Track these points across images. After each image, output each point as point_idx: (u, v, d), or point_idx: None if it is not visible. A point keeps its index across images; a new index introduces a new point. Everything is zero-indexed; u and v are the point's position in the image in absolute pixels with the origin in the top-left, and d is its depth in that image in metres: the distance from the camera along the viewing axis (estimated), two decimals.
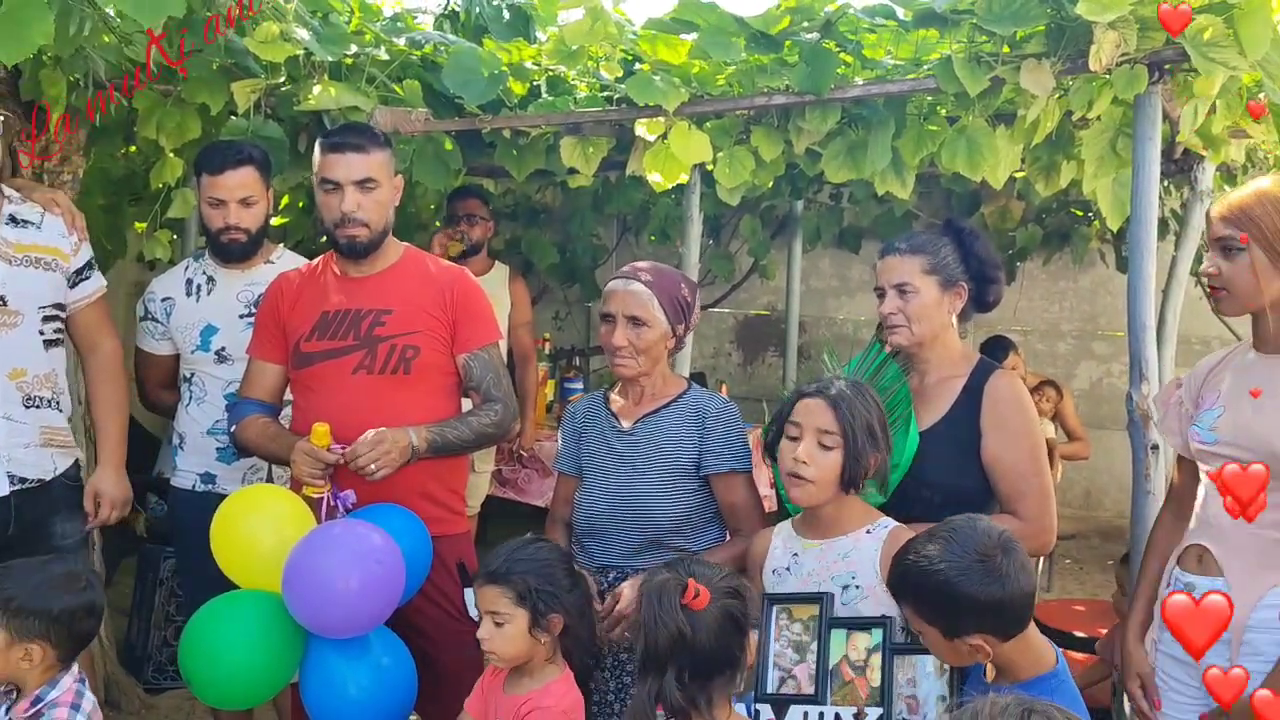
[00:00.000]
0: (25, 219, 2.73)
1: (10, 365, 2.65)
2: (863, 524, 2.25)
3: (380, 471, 2.42)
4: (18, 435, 2.66)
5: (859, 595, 2.18)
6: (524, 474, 4.89)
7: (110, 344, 2.93)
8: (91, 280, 2.87)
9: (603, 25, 3.14)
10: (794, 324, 6.28)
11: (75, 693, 2.20)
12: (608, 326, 2.52)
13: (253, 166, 3.01)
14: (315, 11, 3.34)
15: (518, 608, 2.16)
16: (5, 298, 2.64)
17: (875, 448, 2.20)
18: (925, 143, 3.26)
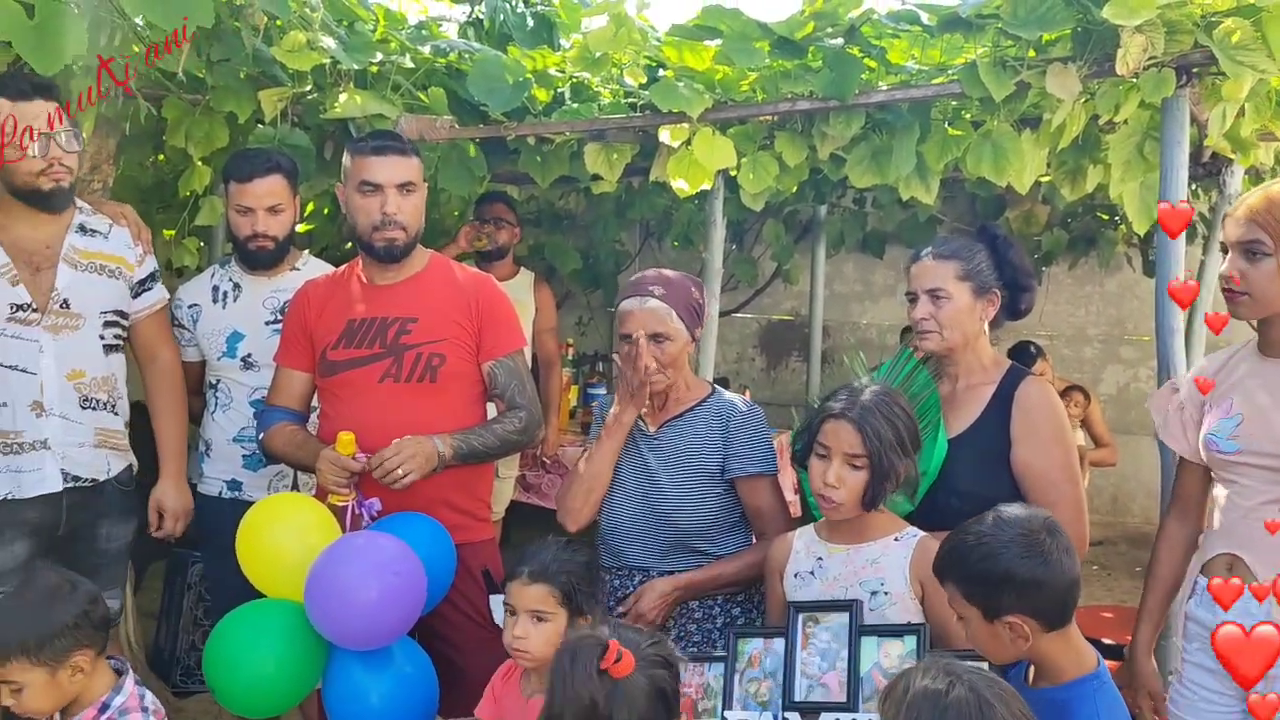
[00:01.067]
0: (94, 228, 2.80)
1: (70, 366, 2.70)
2: (890, 532, 2.24)
3: (406, 478, 2.43)
4: (73, 434, 2.71)
5: (887, 602, 2.17)
6: (547, 479, 4.90)
7: (169, 354, 2.99)
8: (154, 292, 2.94)
9: (627, 32, 3.15)
10: (817, 329, 6.27)
11: (139, 695, 2.22)
12: (629, 347, 2.51)
13: (280, 174, 3.04)
14: (341, 20, 3.37)
15: (561, 607, 2.19)
16: (68, 301, 2.70)
17: (904, 458, 2.20)
18: (950, 147, 3.25)
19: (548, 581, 2.19)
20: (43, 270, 2.69)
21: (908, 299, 2.53)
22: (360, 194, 2.62)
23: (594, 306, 7.04)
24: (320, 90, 3.40)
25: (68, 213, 2.74)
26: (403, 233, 2.62)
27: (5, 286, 2.64)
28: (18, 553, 2.68)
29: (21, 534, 2.68)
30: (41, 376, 2.67)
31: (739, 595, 2.55)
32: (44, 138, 2.57)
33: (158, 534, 2.91)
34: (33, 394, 2.66)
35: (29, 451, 2.67)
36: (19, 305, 2.64)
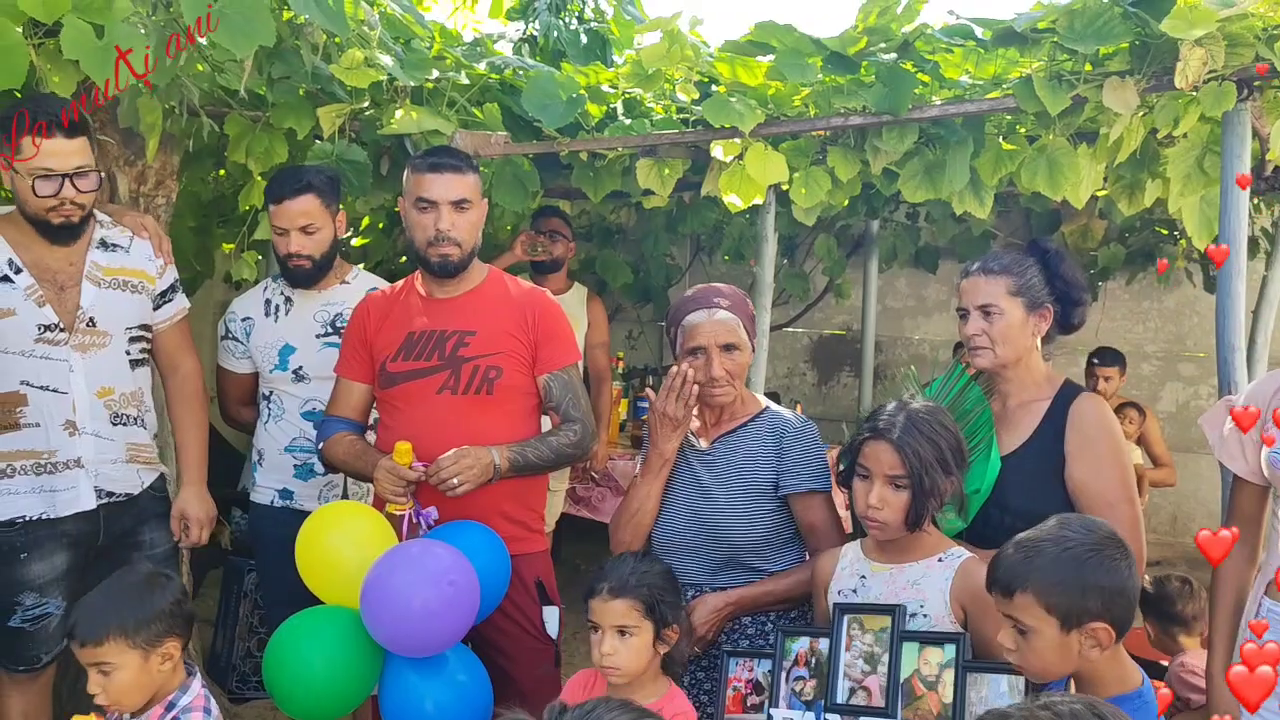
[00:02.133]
0: (115, 243, 2.82)
1: (99, 384, 2.73)
2: (934, 552, 2.22)
3: (461, 487, 2.45)
4: (106, 451, 2.74)
5: (926, 624, 2.15)
6: (597, 492, 4.91)
7: (190, 364, 3.00)
8: (175, 302, 2.95)
9: (680, 48, 3.17)
10: (869, 344, 6.23)
11: (205, 696, 2.26)
12: (698, 360, 2.49)
13: (313, 194, 3.04)
14: (398, 38, 3.42)
15: (646, 619, 2.19)
16: (94, 319, 2.72)
17: (948, 475, 2.18)
18: (1004, 162, 3.23)
19: (629, 595, 2.20)
20: (67, 289, 2.70)
21: (959, 315, 2.51)
22: (417, 210, 2.65)
23: (644, 320, 7.06)
24: (377, 106, 3.45)
25: (87, 229, 2.74)
26: (457, 249, 2.65)
27: (33, 307, 2.65)
28: (58, 564, 2.72)
29: (61, 546, 2.72)
30: (73, 395, 2.68)
31: (791, 611, 2.53)
32: (60, 179, 2.57)
33: (184, 544, 2.92)
34: (65, 413, 2.68)
35: (63, 471, 2.69)
36: (47, 325, 2.66)
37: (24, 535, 2.67)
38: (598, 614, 2.22)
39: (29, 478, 2.67)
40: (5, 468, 2.66)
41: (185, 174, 3.65)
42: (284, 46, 3.05)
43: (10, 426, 2.65)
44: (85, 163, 2.61)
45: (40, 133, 2.52)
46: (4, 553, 2.67)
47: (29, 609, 2.69)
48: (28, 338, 2.64)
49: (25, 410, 2.65)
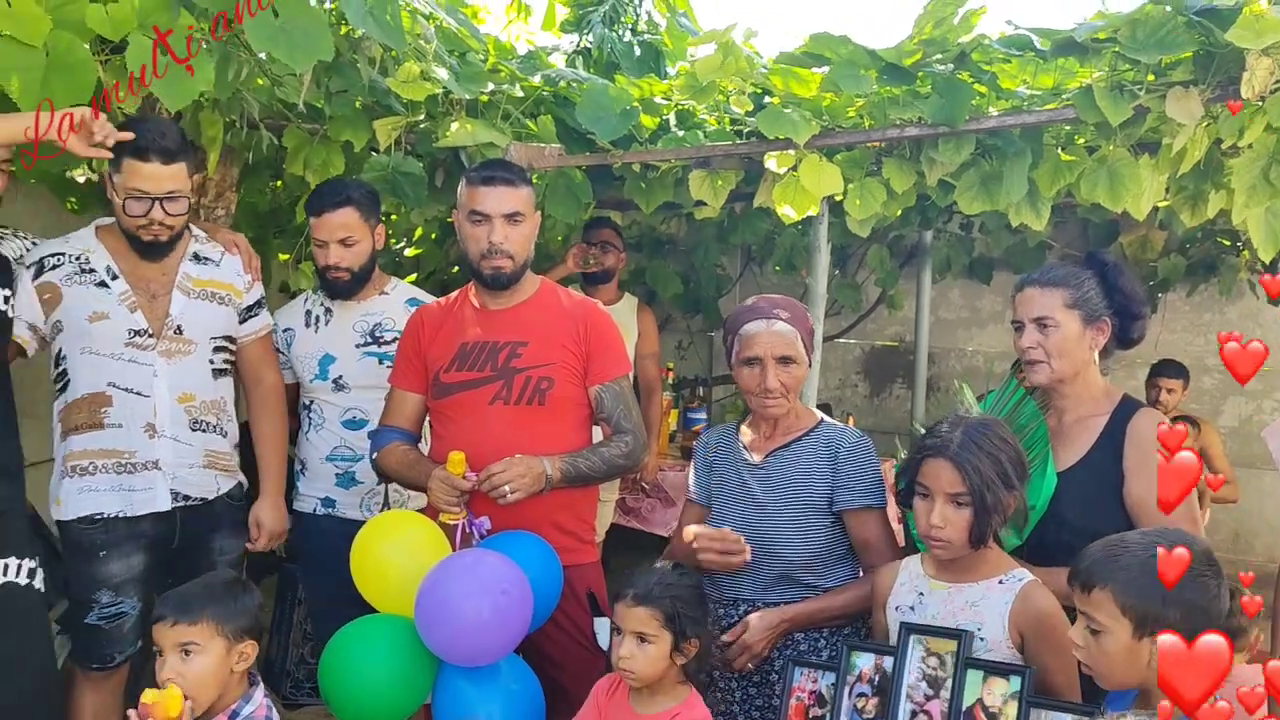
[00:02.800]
0: (207, 256, 2.93)
1: (181, 389, 2.82)
2: (995, 573, 2.18)
3: (513, 495, 2.46)
4: (184, 455, 2.83)
5: (983, 648, 2.11)
6: (647, 503, 4.91)
7: (272, 378, 3.10)
8: (260, 317, 3.05)
9: (734, 60, 3.16)
10: (923, 356, 6.16)
11: (267, 706, 2.28)
12: (753, 370, 2.49)
13: (352, 207, 3.09)
14: (453, 51, 3.45)
15: (665, 629, 2.21)
16: (181, 327, 2.83)
17: (1011, 490, 2.14)
18: (1063, 173, 3.19)
19: (651, 604, 2.21)
20: (159, 297, 2.81)
21: (1013, 328, 2.47)
22: (470, 223, 2.68)
23: (694, 331, 7.04)
24: (432, 119, 3.49)
25: (182, 241, 2.85)
26: (509, 261, 2.67)
27: (125, 313, 2.77)
28: (134, 565, 2.81)
29: (139, 547, 2.81)
30: (154, 399, 2.78)
31: (845, 629, 2.51)
32: (150, 201, 2.67)
33: (251, 547, 3.00)
34: (146, 416, 2.78)
35: (141, 471, 2.78)
36: (136, 331, 2.77)
37: (103, 534, 2.77)
38: (620, 618, 2.24)
39: (109, 476, 2.77)
40: (88, 465, 2.77)
41: (243, 186, 3.71)
42: (342, 60, 3.09)
43: (95, 425, 2.76)
44: (178, 188, 2.70)
45: (139, 155, 2.62)
46: (84, 550, 2.77)
47: (105, 607, 2.78)
48: (118, 341, 2.75)
49: (110, 411, 2.76)
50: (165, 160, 2.65)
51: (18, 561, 2.66)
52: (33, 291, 2.74)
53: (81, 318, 2.75)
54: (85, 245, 2.81)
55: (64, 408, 2.81)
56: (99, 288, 2.76)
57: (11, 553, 2.65)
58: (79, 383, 2.77)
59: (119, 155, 2.63)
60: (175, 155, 2.67)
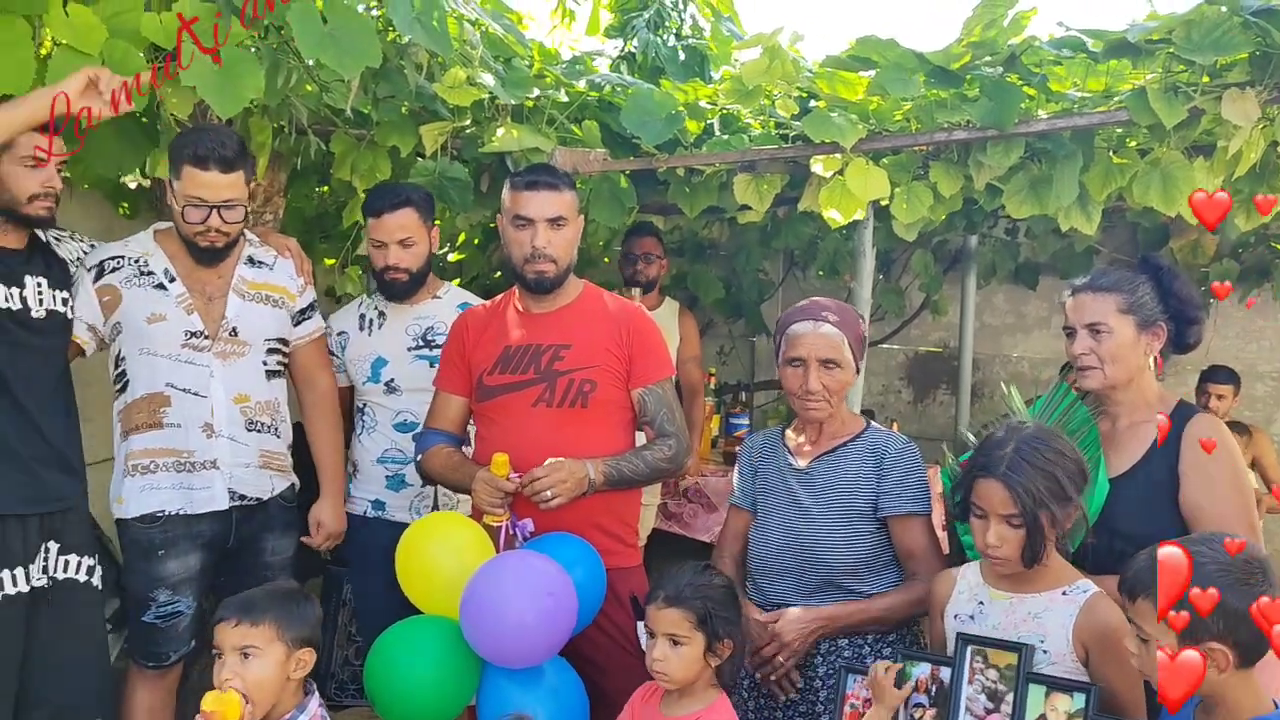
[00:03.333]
0: (261, 260, 2.98)
1: (236, 390, 2.87)
2: (1058, 584, 2.13)
3: (556, 500, 2.47)
4: (240, 455, 2.88)
5: (1045, 661, 2.07)
6: (689, 508, 4.89)
7: (326, 380, 3.14)
8: (312, 320, 3.09)
9: (780, 64, 3.15)
10: (967, 361, 6.09)
11: (321, 715, 2.30)
12: (796, 370, 2.49)
13: (411, 208, 3.13)
14: (499, 56, 3.47)
15: (697, 631, 2.20)
16: (236, 329, 2.87)
17: (1067, 505, 2.09)
18: (1114, 177, 3.15)
19: (682, 605, 2.21)
20: (214, 299, 2.86)
21: (1065, 334, 2.43)
22: (514, 227, 2.68)
23: (736, 336, 7.01)
24: (478, 124, 3.51)
25: (238, 245, 2.90)
26: (552, 265, 2.67)
27: (182, 315, 2.82)
28: (191, 564, 2.86)
29: (196, 546, 2.86)
30: (211, 400, 2.83)
31: (890, 635, 2.49)
32: (208, 209, 2.71)
33: (307, 541, 3.04)
34: (203, 416, 2.83)
35: (200, 470, 2.84)
36: (193, 333, 2.82)
37: (162, 533, 2.82)
38: (653, 620, 2.24)
39: (170, 474, 2.82)
40: (150, 463, 2.82)
41: (290, 191, 3.75)
42: (389, 66, 3.12)
43: (155, 425, 2.82)
44: (235, 196, 2.75)
45: (199, 164, 2.67)
46: (143, 549, 2.82)
47: (162, 605, 2.83)
48: (175, 343, 2.80)
49: (168, 411, 2.81)
50: (224, 169, 2.69)
51: (78, 559, 2.73)
52: (93, 293, 2.80)
53: (140, 319, 2.80)
54: (144, 248, 2.86)
55: (124, 408, 2.86)
56: (157, 290, 2.82)
57: (73, 550, 2.72)
58: (138, 383, 2.83)
59: (178, 163, 2.69)
60: (234, 164, 2.71)
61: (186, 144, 2.70)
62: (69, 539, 2.71)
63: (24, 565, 2.62)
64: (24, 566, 2.62)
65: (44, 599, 2.66)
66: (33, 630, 2.65)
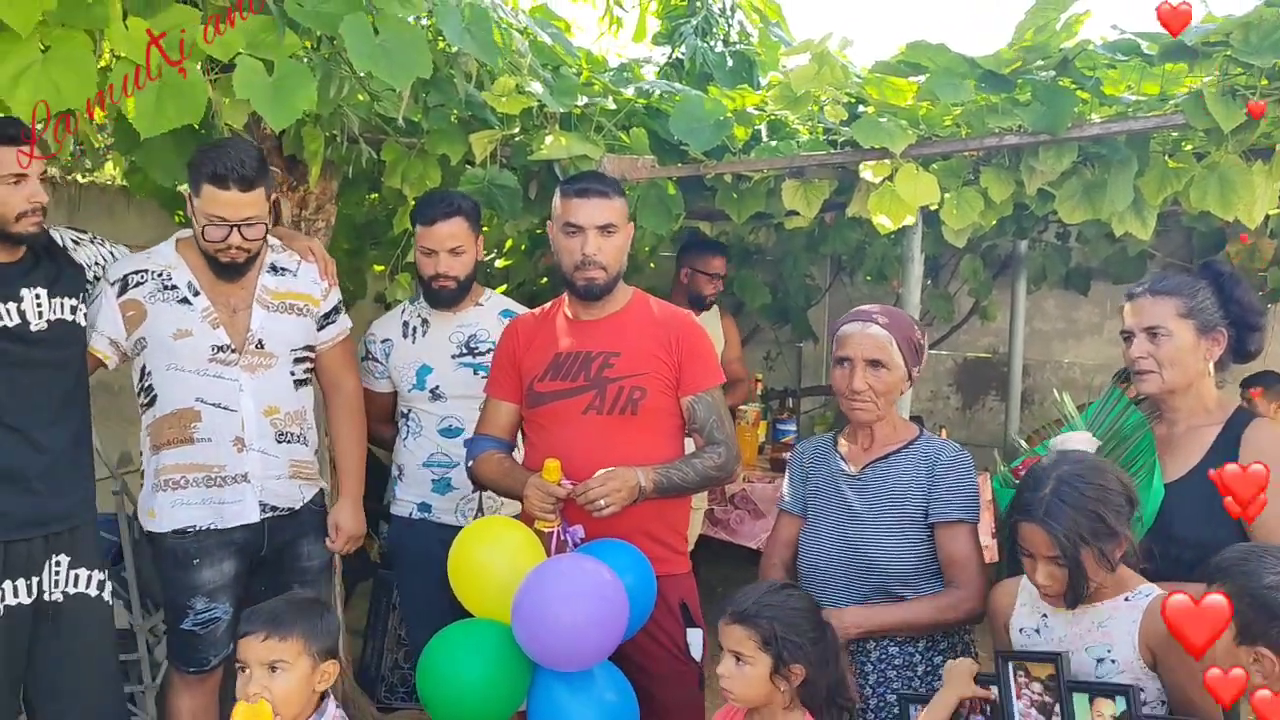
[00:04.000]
0: (284, 267, 2.95)
1: (265, 403, 2.86)
2: (1121, 590, 2.11)
3: (608, 508, 2.47)
4: (270, 467, 2.87)
5: (1114, 670, 2.05)
6: (736, 515, 4.88)
7: (352, 383, 3.12)
8: (337, 323, 3.06)
9: (829, 70, 3.14)
10: (1017, 367, 6.03)
11: (339, 718, 2.31)
12: (843, 370, 2.50)
13: (462, 217, 3.13)
14: (547, 64, 3.49)
15: (761, 652, 2.16)
16: (263, 341, 2.86)
17: (1113, 540, 2.05)
18: (1170, 181, 3.10)
19: (747, 623, 2.17)
20: (239, 312, 2.84)
21: (1123, 338, 2.41)
22: (564, 234, 2.69)
23: (782, 341, 7.00)
24: (527, 132, 3.53)
25: (255, 261, 2.86)
26: (602, 272, 2.68)
27: (208, 329, 2.80)
28: (226, 571, 2.86)
29: (230, 553, 2.86)
30: (241, 413, 2.82)
31: (941, 643, 2.47)
32: (229, 227, 2.69)
33: (329, 545, 3.03)
34: (234, 430, 2.81)
35: (230, 485, 2.82)
36: (220, 346, 2.80)
37: (195, 543, 2.82)
38: (720, 635, 2.22)
39: (199, 489, 2.81)
40: (179, 479, 2.81)
41: (341, 198, 3.79)
42: (439, 75, 3.14)
43: (185, 441, 2.80)
44: (255, 214, 2.72)
45: (218, 183, 2.65)
46: (177, 558, 2.83)
47: (199, 613, 2.84)
48: (202, 357, 2.79)
49: (199, 426, 2.80)
50: (243, 188, 2.67)
51: (88, 573, 2.72)
52: (116, 307, 2.78)
53: (166, 335, 2.78)
54: (166, 261, 2.83)
55: (153, 422, 2.84)
56: (181, 304, 2.79)
57: (83, 564, 2.71)
58: (166, 398, 2.81)
59: (197, 181, 2.68)
60: (253, 182, 2.68)
61: (205, 162, 2.67)
62: (78, 554, 2.70)
63: (26, 576, 2.60)
64: (26, 578, 2.60)
65: (53, 612, 2.65)
66: (42, 645, 2.65)
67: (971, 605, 2.40)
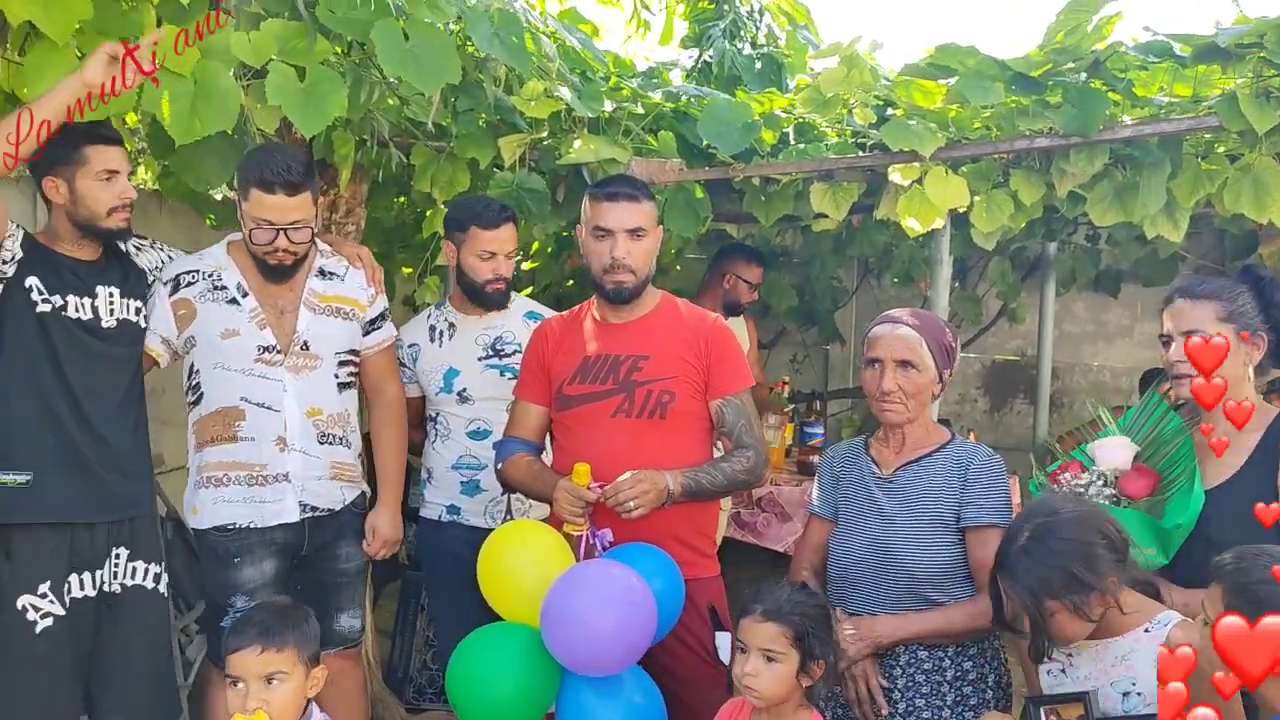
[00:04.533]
0: (332, 271, 2.99)
1: (309, 404, 2.90)
2: (1140, 621, 2.08)
3: (637, 510, 2.47)
4: (312, 468, 2.90)
5: (1141, 703, 2.03)
6: (762, 518, 4.86)
7: (394, 389, 3.16)
8: (383, 330, 3.10)
9: (859, 73, 3.14)
10: (1046, 370, 5.98)
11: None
12: (873, 371, 2.49)
13: (513, 223, 3.19)
14: (575, 69, 3.50)
15: (793, 648, 2.19)
16: (308, 343, 2.90)
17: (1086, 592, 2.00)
18: (1203, 183, 3.08)
19: (780, 621, 2.19)
20: (286, 313, 2.89)
21: (1161, 342, 2.39)
22: (593, 238, 2.70)
23: (809, 345, 6.97)
24: (555, 136, 3.54)
25: (308, 257, 2.91)
26: (631, 276, 2.68)
27: (254, 330, 2.85)
28: (266, 570, 2.90)
29: (270, 553, 2.90)
30: (285, 414, 2.86)
31: (970, 649, 2.45)
32: (275, 230, 2.75)
33: (366, 549, 3.06)
34: (277, 430, 2.85)
35: (272, 484, 2.86)
36: (266, 347, 2.85)
37: (236, 541, 2.86)
38: (746, 634, 2.22)
39: (241, 488, 2.85)
40: (222, 476, 2.86)
41: (370, 202, 3.81)
42: (468, 80, 3.16)
43: (229, 439, 2.85)
44: (302, 217, 2.77)
45: (265, 188, 2.70)
46: (219, 556, 2.87)
47: (239, 611, 2.85)
48: (248, 357, 2.83)
49: (242, 425, 2.84)
50: (290, 192, 2.71)
51: (145, 565, 2.79)
52: (169, 306, 2.85)
53: (214, 334, 2.83)
54: (217, 263, 2.90)
55: (198, 420, 2.90)
56: (230, 305, 2.85)
57: (141, 556, 2.78)
58: (212, 397, 2.86)
59: (245, 185, 2.73)
60: (300, 186, 2.73)
61: (253, 167, 2.72)
62: (137, 546, 2.77)
63: (91, 570, 2.68)
64: (91, 571, 2.68)
65: (113, 604, 2.72)
66: (102, 636, 2.72)
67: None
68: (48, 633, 2.60)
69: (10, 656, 2.59)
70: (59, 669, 2.64)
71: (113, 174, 2.65)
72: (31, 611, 2.59)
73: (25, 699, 2.60)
